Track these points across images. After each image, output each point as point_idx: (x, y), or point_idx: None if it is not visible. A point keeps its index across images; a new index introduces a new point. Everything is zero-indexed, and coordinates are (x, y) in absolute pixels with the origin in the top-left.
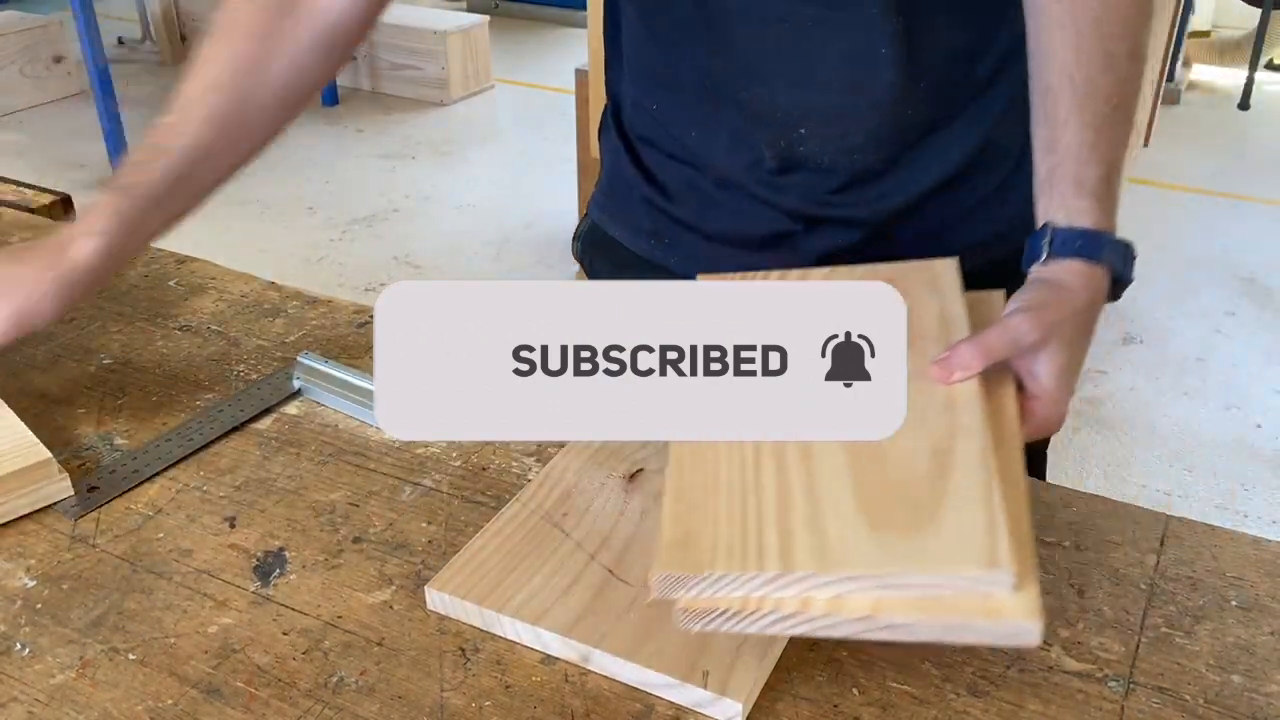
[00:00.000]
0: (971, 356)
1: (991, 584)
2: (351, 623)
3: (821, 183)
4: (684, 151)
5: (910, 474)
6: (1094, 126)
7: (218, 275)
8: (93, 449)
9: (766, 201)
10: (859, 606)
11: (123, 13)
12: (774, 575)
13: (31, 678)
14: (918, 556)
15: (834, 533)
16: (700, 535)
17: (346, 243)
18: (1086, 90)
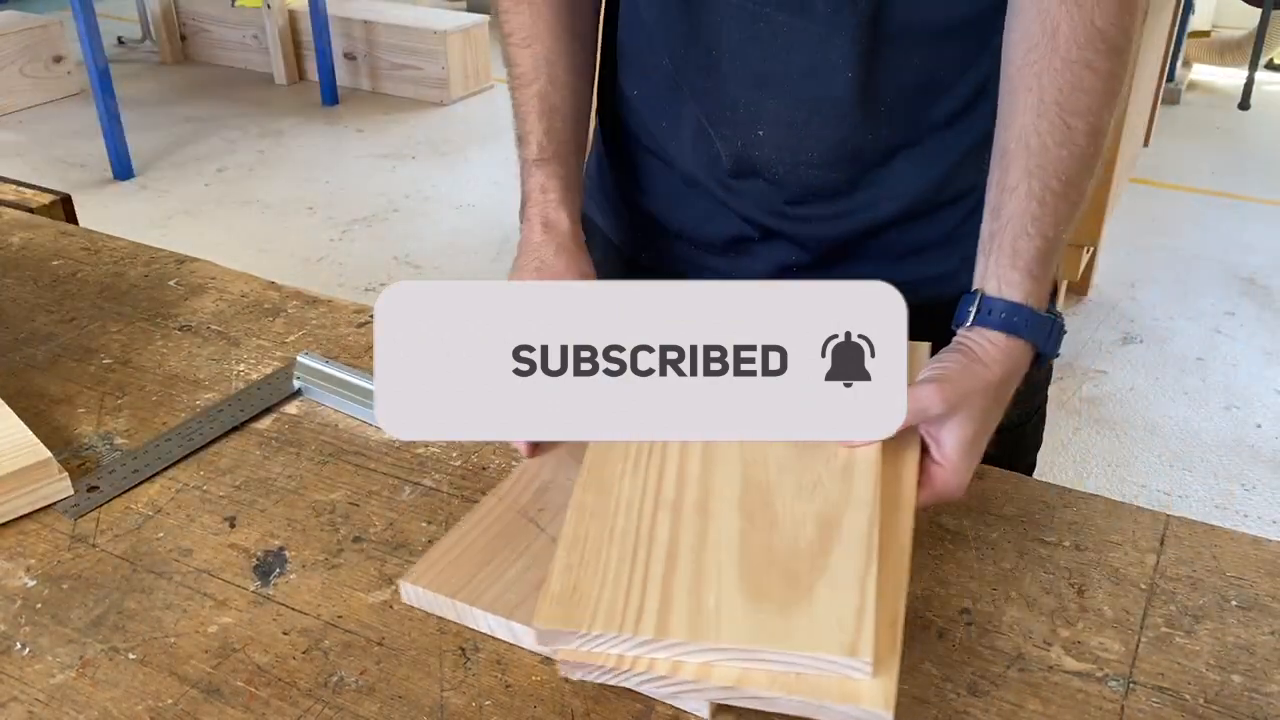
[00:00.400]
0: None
1: (850, 669)
2: (351, 623)
3: (776, 193)
4: (654, 143)
5: (795, 543)
6: (1040, 199)
7: (218, 275)
8: (93, 449)
9: (725, 204)
10: (725, 676)
11: (123, 13)
12: (647, 640)
13: (31, 677)
14: (782, 635)
15: (711, 602)
16: (585, 591)
17: (346, 243)
18: (1040, 160)
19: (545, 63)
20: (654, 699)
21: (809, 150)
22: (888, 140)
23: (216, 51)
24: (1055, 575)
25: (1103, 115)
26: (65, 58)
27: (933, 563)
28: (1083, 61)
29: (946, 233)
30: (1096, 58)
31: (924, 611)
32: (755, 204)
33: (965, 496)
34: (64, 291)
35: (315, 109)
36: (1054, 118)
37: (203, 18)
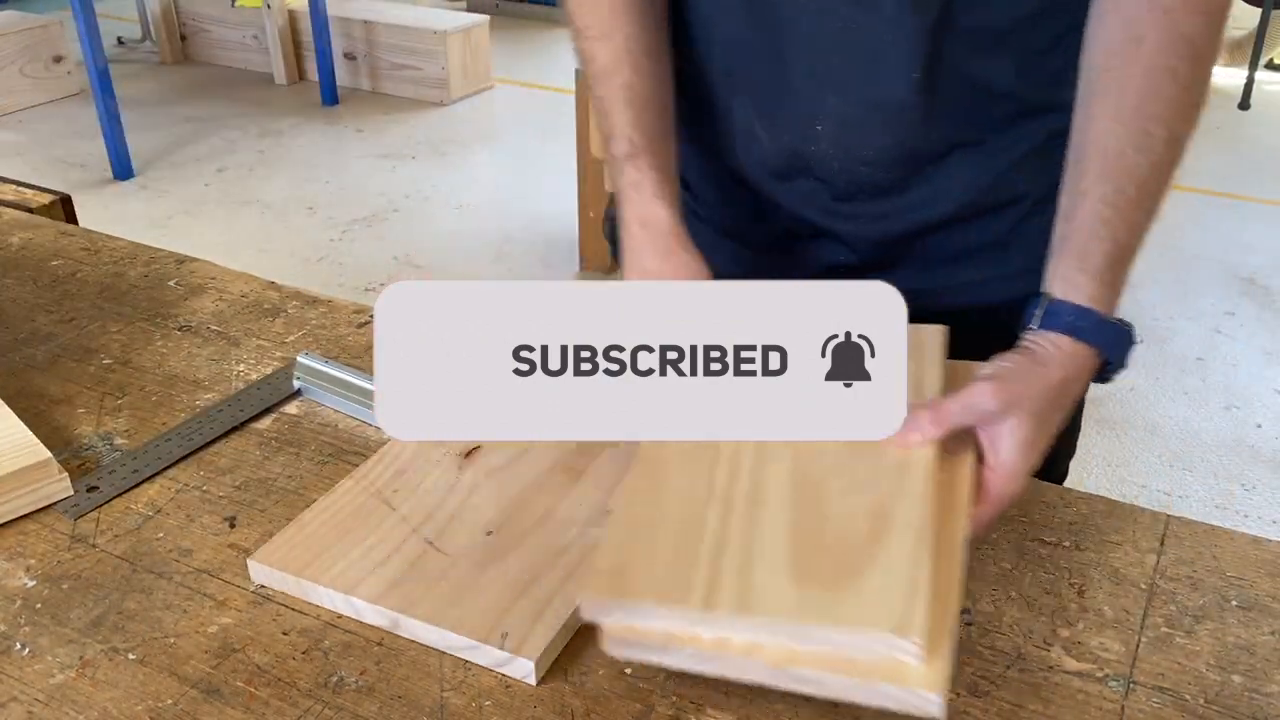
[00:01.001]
0: (928, 422)
1: (899, 650)
2: (351, 623)
3: (825, 190)
4: (699, 136)
5: (847, 532)
6: (1113, 204)
7: (218, 275)
8: (93, 449)
9: (773, 201)
10: (772, 656)
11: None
12: (695, 613)
13: (31, 677)
14: (831, 612)
15: (759, 581)
16: (634, 566)
17: (346, 243)
18: (1116, 165)
19: (626, 53)
20: (654, 699)
21: (866, 148)
22: (946, 140)
23: (216, 51)
24: (1055, 575)
25: (1182, 124)
26: (65, 58)
27: None
28: (1165, 68)
29: (999, 237)
30: (1180, 64)
31: None
32: (804, 201)
33: None
34: (64, 291)
35: (315, 109)
36: (1132, 123)
37: (203, 18)
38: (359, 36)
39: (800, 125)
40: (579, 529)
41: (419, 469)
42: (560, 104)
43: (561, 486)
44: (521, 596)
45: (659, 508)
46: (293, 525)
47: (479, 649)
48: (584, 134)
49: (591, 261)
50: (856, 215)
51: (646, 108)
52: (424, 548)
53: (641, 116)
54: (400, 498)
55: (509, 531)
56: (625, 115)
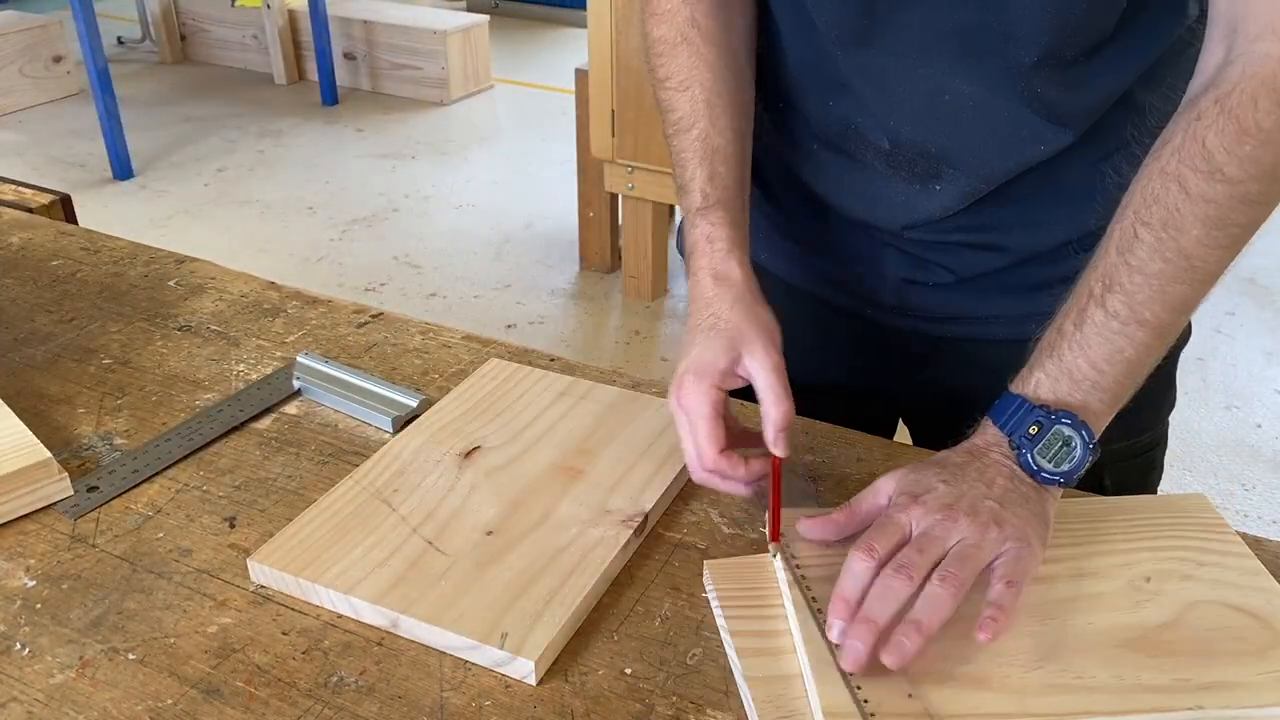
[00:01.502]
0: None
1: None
2: (351, 623)
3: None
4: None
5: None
6: (1076, 295)
7: (218, 275)
8: (93, 449)
9: (862, 221)
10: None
11: (123, 13)
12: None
13: (31, 677)
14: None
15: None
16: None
17: (346, 243)
18: (1097, 259)
19: (705, 105)
20: (654, 699)
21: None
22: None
23: (216, 51)
24: None
25: (1184, 239)
26: (65, 58)
27: None
28: (1175, 176)
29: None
30: (1194, 177)
31: None
32: (890, 215)
33: None
34: (63, 291)
35: (315, 109)
36: (1126, 224)
37: (202, 18)
38: (359, 36)
39: (918, 187)
40: (579, 529)
41: (419, 469)
42: (560, 104)
43: (561, 486)
44: (521, 596)
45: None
46: (293, 525)
47: (479, 649)
48: (584, 134)
49: (591, 261)
50: (941, 249)
51: (723, 162)
52: (424, 548)
53: (717, 170)
54: (400, 498)
55: (509, 531)
56: (701, 169)
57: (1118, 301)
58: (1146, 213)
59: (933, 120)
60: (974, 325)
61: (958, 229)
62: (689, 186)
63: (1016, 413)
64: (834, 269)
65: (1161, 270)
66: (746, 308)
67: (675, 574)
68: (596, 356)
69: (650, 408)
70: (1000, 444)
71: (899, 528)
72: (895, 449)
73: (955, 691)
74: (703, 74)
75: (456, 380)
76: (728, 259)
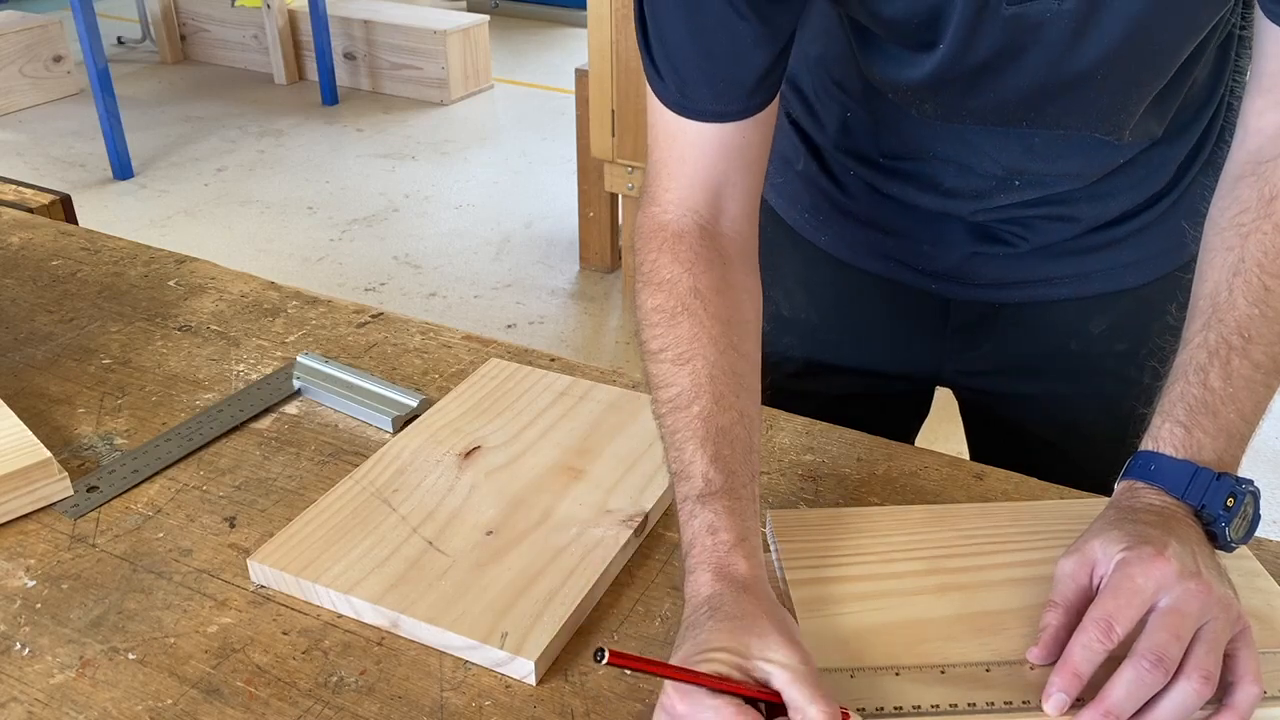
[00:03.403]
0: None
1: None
2: (351, 622)
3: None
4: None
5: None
6: (1212, 349)
7: (218, 275)
8: (93, 449)
9: (934, 210)
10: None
11: (123, 13)
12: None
13: (31, 677)
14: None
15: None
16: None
17: (346, 242)
18: (1224, 314)
19: (709, 380)
20: (654, 699)
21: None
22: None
23: (216, 51)
24: None
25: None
26: (65, 57)
27: None
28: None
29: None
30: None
31: None
32: (965, 207)
33: (968, 496)
34: (64, 291)
35: (315, 109)
36: (1252, 277)
37: (202, 18)
38: (359, 36)
39: (987, 201)
40: (579, 529)
41: (419, 469)
42: (560, 104)
43: (561, 486)
44: (521, 596)
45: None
46: (293, 525)
47: (479, 649)
48: (584, 133)
49: (591, 261)
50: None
51: (728, 444)
52: (424, 548)
53: (721, 453)
54: (400, 498)
55: (509, 531)
56: (701, 451)
57: (1260, 353)
58: (1273, 266)
59: (1012, 156)
60: (1037, 288)
61: (1029, 205)
62: (687, 471)
63: (1202, 483)
64: (898, 246)
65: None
66: (755, 600)
67: (675, 574)
68: (596, 356)
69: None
70: (1185, 513)
71: (1139, 596)
72: (895, 449)
73: (954, 689)
74: (705, 347)
75: (456, 380)
76: (733, 553)
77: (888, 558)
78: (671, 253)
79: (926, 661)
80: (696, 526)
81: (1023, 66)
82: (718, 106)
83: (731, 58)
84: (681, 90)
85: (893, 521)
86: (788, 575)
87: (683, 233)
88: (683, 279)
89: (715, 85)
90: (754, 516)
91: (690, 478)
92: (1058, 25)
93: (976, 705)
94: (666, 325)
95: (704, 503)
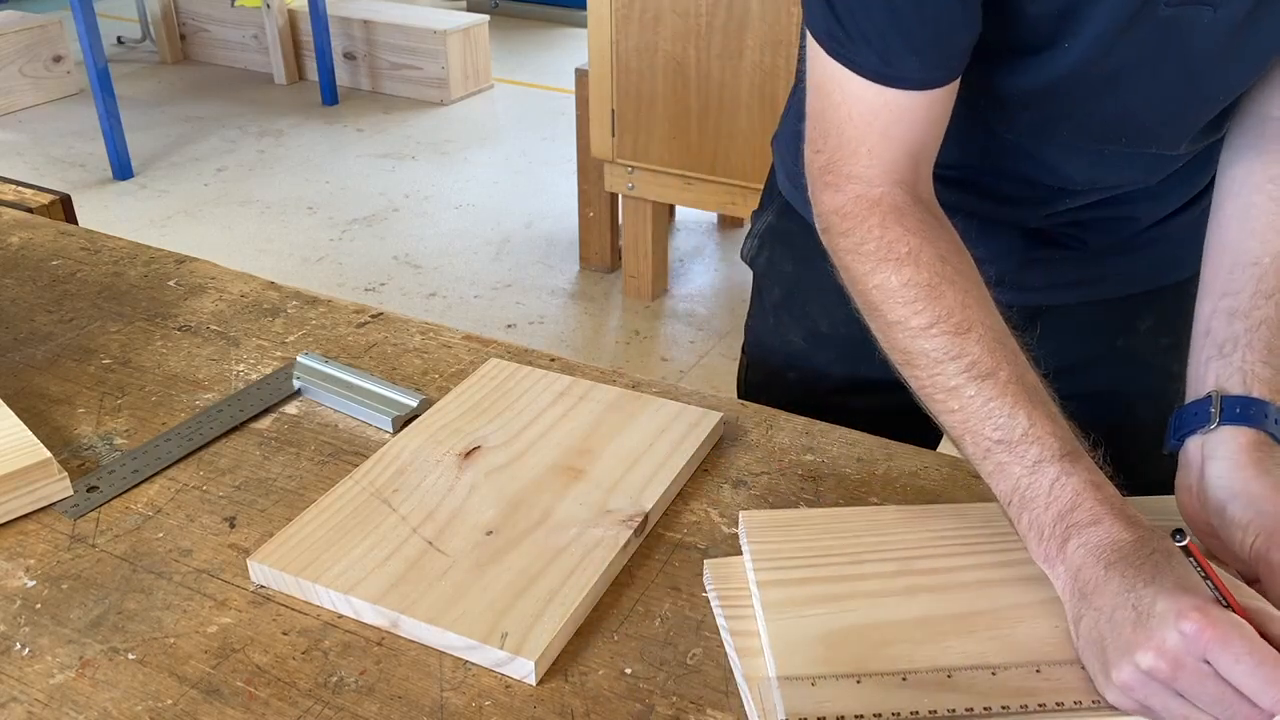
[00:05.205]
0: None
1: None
2: (351, 623)
3: (1049, 203)
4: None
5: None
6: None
7: (217, 275)
8: (93, 449)
9: (996, 220)
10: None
11: (123, 13)
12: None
13: (31, 678)
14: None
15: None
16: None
17: (346, 242)
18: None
19: (998, 343)
20: (654, 699)
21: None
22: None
23: (216, 51)
24: None
25: None
26: (65, 57)
27: None
28: None
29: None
30: None
31: None
32: (1025, 213)
33: (969, 496)
34: (63, 291)
35: (315, 109)
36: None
37: (202, 18)
38: (359, 36)
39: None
40: (579, 529)
41: (419, 469)
42: (560, 104)
43: (561, 486)
44: (521, 596)
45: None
46: (293, 525)
47: (479, 649)
48: (584, 133)
49: (591, 261)
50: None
51: (1053, 402)
52: (424, 548)
53: (1053, 412)
54: (400, 498)
55: (509, 531)
56: (1038, 412)
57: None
58: None
59: (1079, 169)
60: (1086, 288)
61: (1090, 208)
62: (1031, 434)
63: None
64: None
65: None
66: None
67: (675, 574)
68: (596, 356)
69: (650, 408)
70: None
71: None
72: (895, 449)
73: (920, 694)
74: (979, 313)
75: (456, 380)
76: (1127, 505)
77: (858, 559)
78: (900, 226)
79: (891, 668)
80: (1077, 483)
81: (1159, 78)
82: (924, 74)
83: (945, 24)
84: (886, 60)
85: (865, 522)
86: (757, 577)
87: (900, 205)
88: (924, 249)
89: (924, 53)
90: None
91: (1039, 439)
92: (1211, 34)
93: (938, 712)
94: (929, 299)
95: (1074, 460)
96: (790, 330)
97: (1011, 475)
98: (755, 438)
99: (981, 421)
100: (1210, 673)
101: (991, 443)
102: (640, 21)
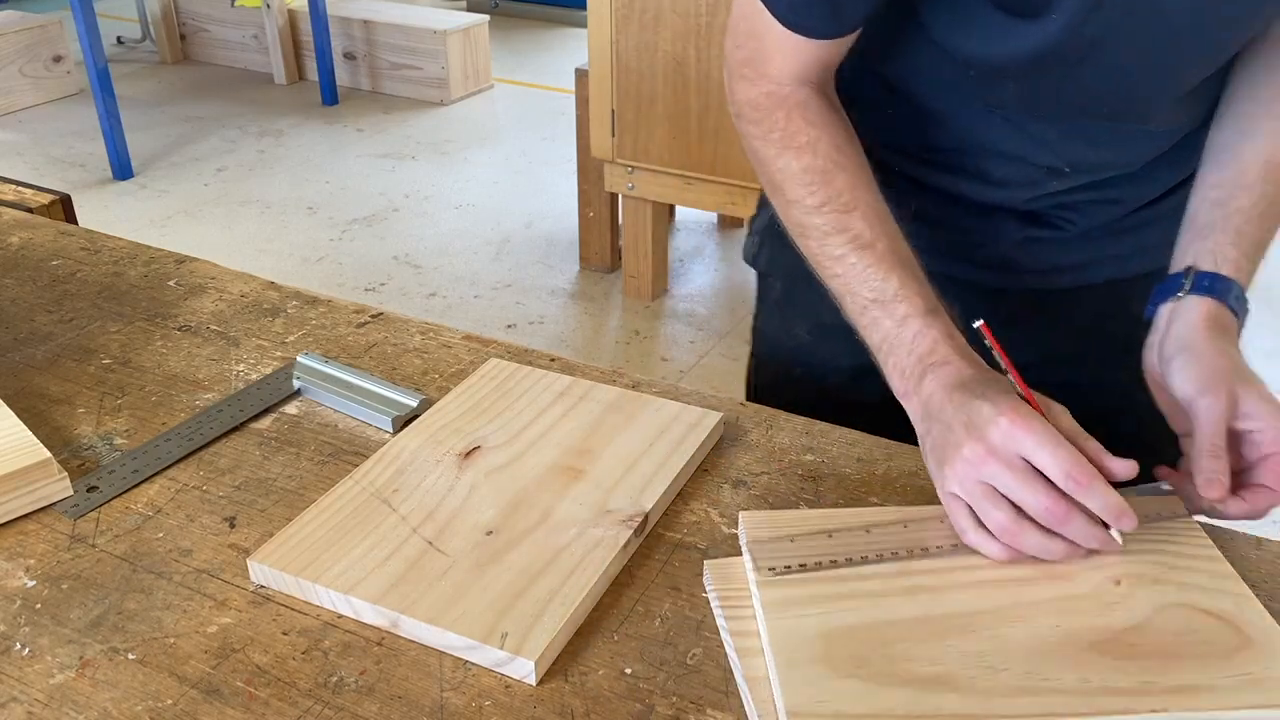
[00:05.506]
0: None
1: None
2: (351, 623)
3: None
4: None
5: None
6: (1274, 201)
7: (217, 275)
8: (93, 449)
9: (989, 202)
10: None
11: (122, 13)
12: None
13: (31, 678)
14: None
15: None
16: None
17: (346, 242)
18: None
19: (879, 220)
20: (654, 699)
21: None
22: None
23: (216, 51)
24: None
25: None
26: (65, 57)
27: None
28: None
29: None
30: None
31: None
32: (1018, 193)
33: None
34: (63, 291)
35: (315, 109)
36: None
37: (202, 18)
38: (359, 36)
39: (1038, 188)
40: (579, 529)
41: (419, 469)
42: (560, 104)
43: (561, 486)
44: (521, 596)
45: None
46: (293, 525)
47: (479, 649)
48: (584, 133)
49: (591, 261)
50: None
51: (921, 270)
52: (424, 548)
53: (921, 277)
54: (400, 498)
55: (509, 531)
56: (909, 275)
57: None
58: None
59: (1073, 149)
60: (1080, 273)
61: (1078, 190)
62: (900, 294)
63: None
64: (944, 238)
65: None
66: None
67: (675, 574)
68: (596, 356)
69: (650, 408)
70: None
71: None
72: (895, 449)
73: (919, 693)
74: (864, 194)
75: (456, 380)
76: (971, 351)
77: (858, 559)
78: (803, 119)
79: (891, 668)
80: (935, 334)
81: (1139, 44)
82: (826, 27)
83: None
84: (793, 8)
85: (865, 522)
86: (755, 576)
87: (804, 101)
88: (822, 140)
89: (827, 12)
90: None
91: (907, 299)
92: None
93: (937, 712)
94: (823, 182)
95: (934, 315)
96: (795, 324)
97: (883, 328)
98: (755, 438)
99: (860, 284)
100: (1022, 465)
101: (868, 301)
102: (640, 21)
